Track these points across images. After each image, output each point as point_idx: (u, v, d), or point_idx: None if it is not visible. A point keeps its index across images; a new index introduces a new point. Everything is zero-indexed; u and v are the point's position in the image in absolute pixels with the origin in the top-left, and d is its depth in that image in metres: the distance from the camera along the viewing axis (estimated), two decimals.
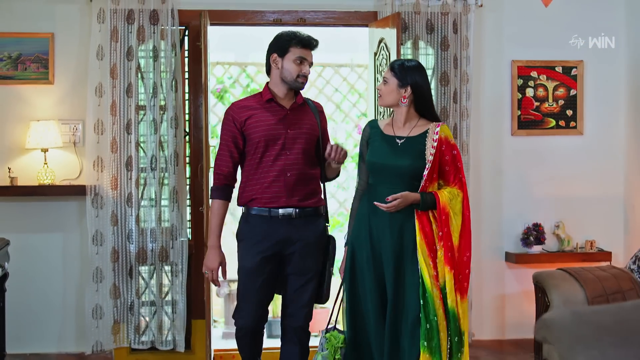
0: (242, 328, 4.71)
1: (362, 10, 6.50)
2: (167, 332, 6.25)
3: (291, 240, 4.64)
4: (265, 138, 4.61)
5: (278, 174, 4.61)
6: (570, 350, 2.14)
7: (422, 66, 4.66)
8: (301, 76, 4.68)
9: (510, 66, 6.66)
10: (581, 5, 6.72)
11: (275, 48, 4.70)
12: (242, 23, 6.45)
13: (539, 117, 6.69)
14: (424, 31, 6.39)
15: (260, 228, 4.64)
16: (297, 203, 4.64)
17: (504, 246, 6.68)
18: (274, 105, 4.69)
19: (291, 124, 4.68)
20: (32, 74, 6.28)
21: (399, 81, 4.59)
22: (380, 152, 4.64)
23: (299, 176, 4.64)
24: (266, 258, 4.63)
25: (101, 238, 6.13)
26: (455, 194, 4.52)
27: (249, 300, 4.68)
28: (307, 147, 4.72)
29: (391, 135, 4.64)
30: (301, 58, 4.66)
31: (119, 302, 6.17)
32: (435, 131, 4.54)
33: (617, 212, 6.80)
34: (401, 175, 4.54)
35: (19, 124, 6.27)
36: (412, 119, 4.63)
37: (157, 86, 6.18)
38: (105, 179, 6.15)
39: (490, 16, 6.65)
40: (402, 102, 4.59)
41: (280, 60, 4.68)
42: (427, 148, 4.53)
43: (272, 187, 4.62)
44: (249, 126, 4.65)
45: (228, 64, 9.04)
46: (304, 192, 4.68)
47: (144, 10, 6.14)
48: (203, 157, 6.15)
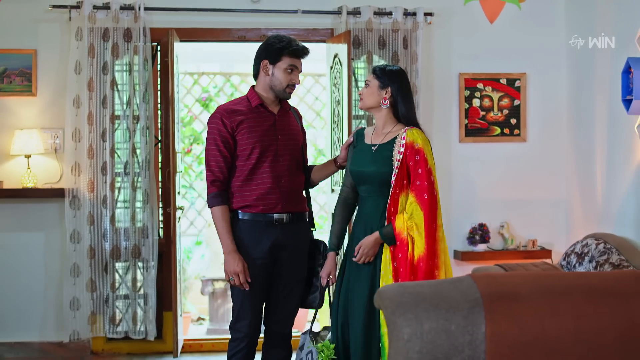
0: (246, 337, 4.56)
1: (321, 28, 7.05)
2: (140, 323, 6.78)
3: (283, 245, 4.56)
4: (260, 145, 4.51)
5: (273, 181, 4.53)
6: (393, 314, 2.68)
7: (403, 71, 4.62)
8: (290, 86, 4.59)
9: (458, 78, 7.19)
10: (523, 22, 7.22)
11: (266, 54, 4.58)
12: (209, 40, 7.03)
13: (485, 125, 7.22)
14: (376, 47, 6.92)
15: (255, 234, 4.53)
16: (290, 209, 4.58)
17: (452, 245, 7.14)
18: (262, 110, 4.59)
19: (280, 131, 4.61)
20: (16, 87, 6.80)
21: (380, 83, 4.52)
22: (357, 160, 4.59)
23: (291, 183, 4.60)
24: (264, 263, 4.54)
25: (78, 236, 6.68)
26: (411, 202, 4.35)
27: (250, 306, 4.57)
28: (296, 153, 4.68)
29: (368, 143, 4.56)
30: (292, 67, 4.57)
31: (95, 295, 6.71)
32: (402, 136, 4.41)
33: (558, 213, 7.27)
34: (372, 183, 4.49)
35: (4, 132, 6.77)
36: (388, 125, 4.55)
37: (130, 97, 6.73)
38: (83, 183, 6.67)
39: (439, 32, 7.16)
40: (383, 103, 4.51)
41: (271, 67, 4.57)
42: (395, 154, 4.42)
43: (269, 196, 4.52)
44: (241, 132, 4.52)
45: (213, 73, 9.60)
46: (296, 197, 4.65)
47: (118, 28, 6.69)
48: (170, 163, 6.72)
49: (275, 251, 4.56)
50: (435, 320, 2.63)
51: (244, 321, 4.56)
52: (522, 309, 2.65)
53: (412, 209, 4.32)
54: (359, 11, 6.89)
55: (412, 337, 2.60)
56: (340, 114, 6.78)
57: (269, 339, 4.73)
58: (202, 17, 6.92)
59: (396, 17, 6.90)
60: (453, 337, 2.60)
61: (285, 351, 4.71)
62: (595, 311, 2.69)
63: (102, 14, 6.68)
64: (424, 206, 4.31)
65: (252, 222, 4.53)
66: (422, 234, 4.28)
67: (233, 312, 4.62)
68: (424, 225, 4.29)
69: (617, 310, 2.70)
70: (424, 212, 4.30)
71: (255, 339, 4.61)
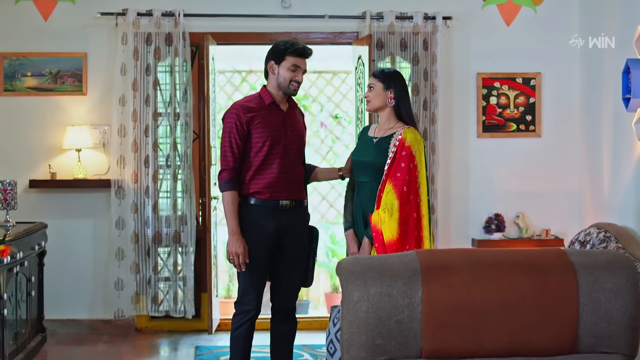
0: (252, 310, 5.00)
1: (347, 32, 7.57)
2: (180, 303, 7.40)
3: (286, 229, 5.02)
4: (271, 139, 4.94)
5: (280, 173, 4.98)
6: (346, 281, 3.18)
7: (399, 73, 5.13)
8: (294, 82, 4.99)
9: (476, 78, 7.65)
10: (538, 24, 7.67)
11: (272, 56, 5.04)
12: (242, 43, 7.61)
13: (502, 122, 7.68)
14: (398, 48, 7.43)
15: (263, 217, 4.97)
16: (294, 196, 5.05)
17: (470, 233, 7.66)
18: (274, 108, 5.02)
19: (289, 127, 5.05)
20: (68, 87, 7.43)
21: (384, 84, 4.98)
22: (358, 150, 5.12)
23: (295, 174, 5.07)
24: (269, 244, 4.99)
25: (123, 223, 7.32)
26: (390, 195, 4.80)
27: (256, 281, 5.02)
28: (301, 148, 5.17)
29: (371, 136, 5.06)
30: (295, 66, 4.98)
31: (138, 276, 7.33)
32: (399, 132, 4.89)
33: (571, 204, 7.69)
34: (368, 170, 4.96)
35: (58, 128, 7.39)
36: (391, 122, 5.01)
37: (172, 96, 7.37)
38: (127, 174, 7.31)
39: (458, 35, 7.64)
40: (389, 102, 4.98)
41: (276, 67, 5.00)
42: (390, 147, 4.88)
43: (275, 185, 4.97)
44: (255, 127, 4.94)
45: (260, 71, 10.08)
46: (298, 187, 5.11)
47: (160, 33, 7.30)
48: (205, 156, 7.33)
49: (280, 233, 5.02)
50: (380, 286, 3.14)
51: (249, 295, 5.02)
52: (454, 278, 3.16)
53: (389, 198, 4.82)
54: (381, 15, 7.41)
55: (360, 299, 3.13)
56: (363, 111, 7.32)
57: (276, 314, 5.20)
58: (237, 22, 7.50)
59: (416, 21, 7.40)
60: (394, 300, 3.12)
61: (290, 323, 5.22)
62: (517, 281, 3.19)
63: (146, 20, 7.30)
64: (399, 196, 4.79)
65: (261, 207, 4.98)
66: (396, 220, 4.77)
67: (239, 289, 5.06)
68: (398, 212, 4.77)
69: (536, 280, 3.19)
70: (399, 201, 4.78)
71: (257, 314, 5.08)
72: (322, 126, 9.63)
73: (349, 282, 3.18)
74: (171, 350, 7.08)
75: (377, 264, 3.24)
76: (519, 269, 3.24)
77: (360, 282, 3.16)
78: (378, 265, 3.22)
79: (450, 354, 3.19)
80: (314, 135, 9.70)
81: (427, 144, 7.40)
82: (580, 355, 3.27)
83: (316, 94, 9.70)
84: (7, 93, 7.40)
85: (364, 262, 3.26)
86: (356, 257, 3.29)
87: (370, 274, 3.18)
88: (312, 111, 9.75)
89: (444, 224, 7.63)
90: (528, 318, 3.19)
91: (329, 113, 9.70)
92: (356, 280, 3.17)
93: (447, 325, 3.15)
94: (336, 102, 9.72)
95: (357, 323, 3.14)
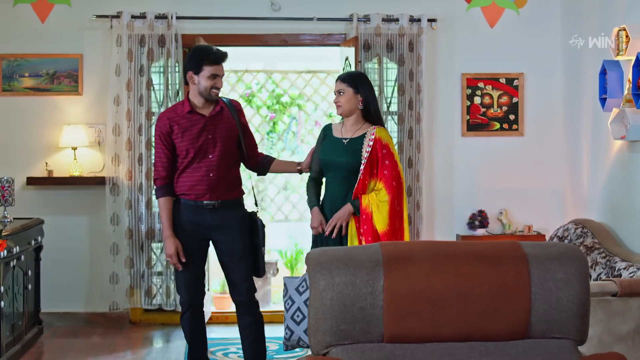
0: (186, 301, 5.36)
1: (335, 33, 7.80)
2: (173, 296, 7.63)
3: (215, 227, 5.28)
4: (189, 147, 5.19)
5: (203, 175, 5.23)
6: (313, 270, 3.40)
7: (365, 74, 5.39)
8: (214, 89, 5.19)
9: (460, 78, 7.87)
10: (521, 26, 7.88)
11: (190, 66, 5.22)
12: (233, 44, 7.78)
13: (485, 121, 7.90)
14: (384, 50, 7.65)
15: (188, 216, 5.27)
16: (219, 197, 5.27)
17: (454, 229, 7.88)
18: (194, 115, 5.22)
19: (211, 131, 5.22)
20: (65, 87, 7.64)
21: (354, 89, 5.20)
22: (328, 151, 5.31)
23: (219, 175, 5.25)
24: (196, 239, 5.29)
25: (118, 219, 7.56)
26: (379, 188, 5.14)
27: (185, 274, 5.32)
28: (226, 148, 5.28)
29: (339, 137, 5.29)
30: (214, 75, 5.18)
31: (132, 271, 7.56)
32: (372, 132, 5.16)
33: (552, 201, 7.90)
34: (341, 170, 5.22)
35: (54, 127, 7.60)
36: (359, 123, 5.26)
37: (164, 97, 7.59)
38: (122, 172, 7.53)
39: (443, 36, 7.85)
40: (360, 106, 5.22)
41: (195, 77, 5.19)
42: (364, 147, 5.14)
43: (198, 187, 5.24)
44: (175, 135, 5.21)
45: (256, 71, 10.33)
46: (225, 187, 5.29)
47: (153, 35, 7.53)
48: None
49: (206, 231, 5.31)
50: (345, 275, 3.36)
51: (180, 290, 5.41)
52: (414, 267, 3.38)
53: (380, 195, 5.13)
54: (368, 18, 7.63)
55: (326, 287, 3.35)
56: None
57: (237, 308, 5.49)
58: (228, 25, 7.72)
59: (402, 23, 7.62)
60: (358, 288, 3.34)
61: (251, 317, 5.44)
62: (473, 271, 3.41)
63: (139, 22, 7.53)
64: (390, 191, 5.13)
65: (187, 206, 5.29)
66: (387, 213, 5.09)
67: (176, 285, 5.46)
68: (389, 206, 5.10)
69: (490, 270, 3.42)
70: (390, 196, 5.12)
71: (195, 305, 5.41)
72: (317, 125, 9.84)
73: (316, 272, 3.41)
74: (164, 342, 7.29)
75: (343, 255, 3.46)
76: (476, 259, 3.46)
77: (325, 272, 3.39)
78: (343, 256, 3.44)
79: (410, 339, 3.42)
80: (308, 134, 9.93)
81: (413, 142, 7.62)
82: (533, 340, 3.49)
83: (310, 93, 9.90)
84: (5, 93, 7.61)
85: (330, 253, 3.49)
86: (323, 249, 3.52)
87: (335, 264, 3.40)
88: (306, 110, 9.98)
89: (428, 221, 7.85)
90: (483, 305, 3.41)
91: (323, 112, 9.89)
92: (322, 269, 3.40)
93: (407, 312, 3.37)
94: (330, 101, 9.89)
95: (322, 310, 3.36)
